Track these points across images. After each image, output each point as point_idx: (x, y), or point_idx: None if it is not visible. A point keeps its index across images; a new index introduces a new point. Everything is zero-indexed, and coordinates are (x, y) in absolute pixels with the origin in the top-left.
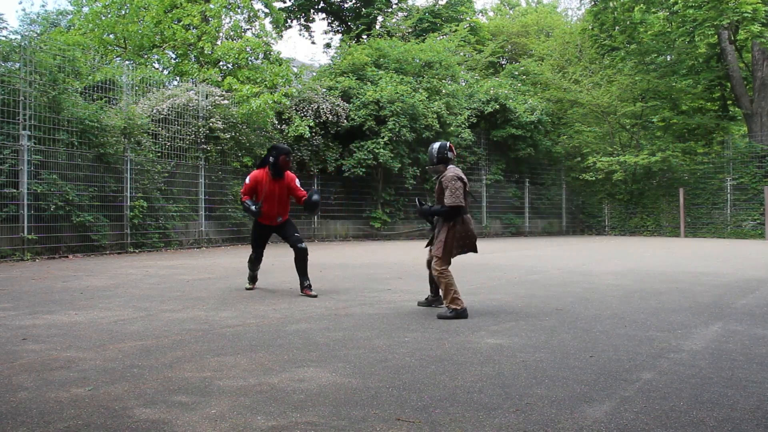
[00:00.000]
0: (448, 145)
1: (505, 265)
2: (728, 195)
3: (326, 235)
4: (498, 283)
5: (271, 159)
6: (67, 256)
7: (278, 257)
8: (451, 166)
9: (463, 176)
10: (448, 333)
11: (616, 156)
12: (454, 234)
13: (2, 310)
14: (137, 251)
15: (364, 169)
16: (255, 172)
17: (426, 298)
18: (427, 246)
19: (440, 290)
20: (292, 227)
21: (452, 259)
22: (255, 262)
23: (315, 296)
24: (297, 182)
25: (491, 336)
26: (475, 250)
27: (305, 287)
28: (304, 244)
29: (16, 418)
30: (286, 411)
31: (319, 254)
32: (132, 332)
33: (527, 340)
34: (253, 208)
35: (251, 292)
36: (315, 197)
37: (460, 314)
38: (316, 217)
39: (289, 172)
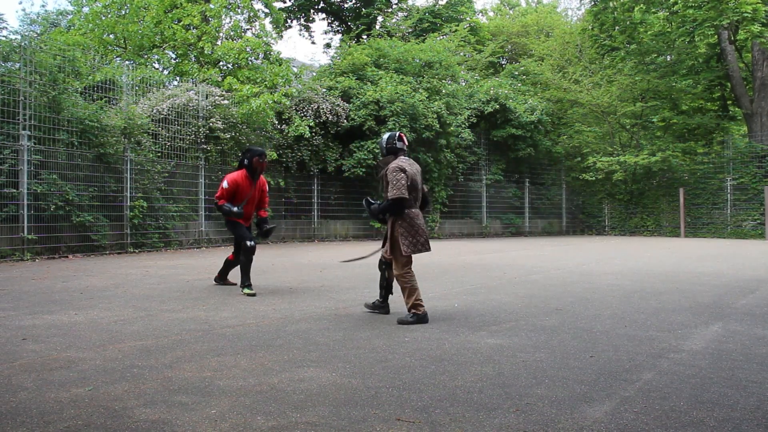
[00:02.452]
0: (397, 134)
1: (505, 265)
2: (728, 195)
3: (326, 235)
4: (498, 283)
5: (245, 161)
6: (67, 256)
7: (278, 257)
8: (400, 157)
9: (409, 167)
10: (448, 333)
11: (616, 156)
12: (401, 231)
13: (2, 310)
14: (137, 251)
15: (364, 169)
16: (234, 176)
17: (373, 303)
18: (382, 247)
19: (402, 294)
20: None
21: (414, 257)
22: (251, 252)
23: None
24: (268, 185)
25: (491, 336)
26: (427, 249)
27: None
28: (252, 243)
29: (16, 418)
30: (286, 411)
31: (319, 254)
32: (132, 332)
33: (527, 340)
34: (235, 209)
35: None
36: (270, 227)
37: (421, 319)
38: (316, 216)
39: (261, 176)
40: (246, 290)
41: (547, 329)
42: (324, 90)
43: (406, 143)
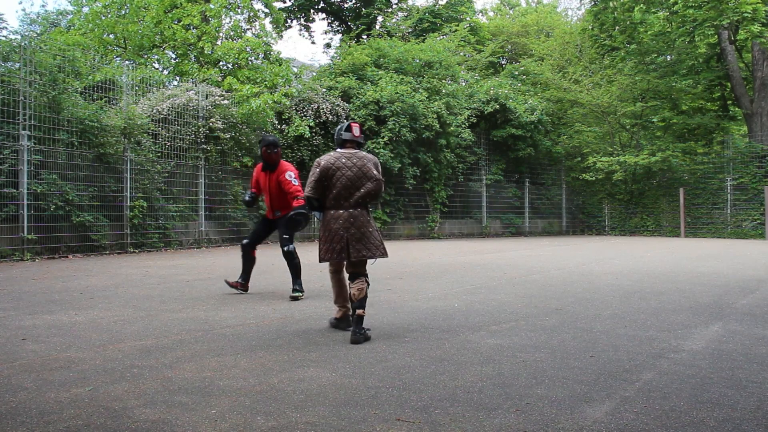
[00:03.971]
0: (346, 124)
1: (505, 265)
2: (728, 195)
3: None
4: (498, 283)
5: (259, 151)
6: (67, 256)
7: (278, 257)
8: (336, 150)
9: (332, 161)
10: (448, 333)
11: (616, 156)
12: (320, 234)
13: (2, 310)
14: (137, 251)
15: None
16: (256, 168)
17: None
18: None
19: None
20: (284, 227)
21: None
22: (243, 247)
23: (296, 299)
24: (289, 175)
25: (491, 336)
26: (341, 258)
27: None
28: (288, 247)
29: (16, 418)
30: (286, 411)
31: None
32: (132, 332)
33: (527, 340)
34: (246, 197)
35: (251, 292)
36: (293, 215)
37: (340, 323)
38: (316, 216)
39: (284, 163)
40: (294, 293)
41: (547, 329)
42: (324, 90)
43: (356, 134)
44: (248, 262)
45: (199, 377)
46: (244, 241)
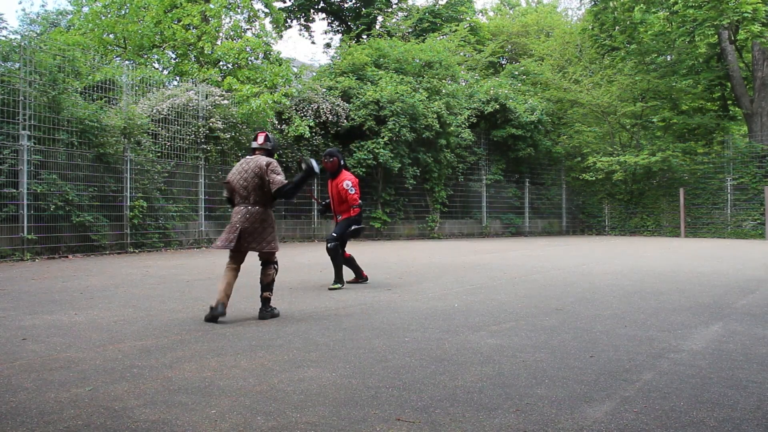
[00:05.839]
0: (255, 134)
1: (505, 265)
2: (728, 195)
3: (326, 235)
4: (498, 283)
5: None
6: (67, 256)
7: (279, 257)
8: (247, 156)
9: (236, 166)
10: (448, 333)
11: (616, 156)
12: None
13: (2, 310)
14: (137, 251)
15: (364, 169)
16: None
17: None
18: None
19: None
20: (337, 227)
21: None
22: (327, 252)
23: (333, 289)
24: (346, 184)
25: (491, 336)
26: (233, 246)
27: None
28: (330, 244)
29: (16, 418)
30: (286, 411)
31: (319, 254)
32: (132, 332)
33: (527, 340)
34: (322, 203)
35: (251, 292)
36: (353, 229)
37: (214, 313)
38: (316, 216)
39: (345, 173)
40: (333, 285)
41: (547, 329)
42: (324, 90)
43: (260, 142)
44: (349, 263)
45: (199, 377)
46: (328, 245)
